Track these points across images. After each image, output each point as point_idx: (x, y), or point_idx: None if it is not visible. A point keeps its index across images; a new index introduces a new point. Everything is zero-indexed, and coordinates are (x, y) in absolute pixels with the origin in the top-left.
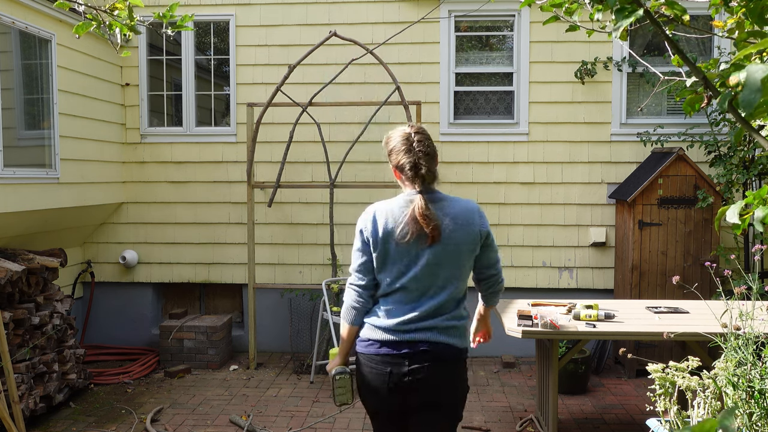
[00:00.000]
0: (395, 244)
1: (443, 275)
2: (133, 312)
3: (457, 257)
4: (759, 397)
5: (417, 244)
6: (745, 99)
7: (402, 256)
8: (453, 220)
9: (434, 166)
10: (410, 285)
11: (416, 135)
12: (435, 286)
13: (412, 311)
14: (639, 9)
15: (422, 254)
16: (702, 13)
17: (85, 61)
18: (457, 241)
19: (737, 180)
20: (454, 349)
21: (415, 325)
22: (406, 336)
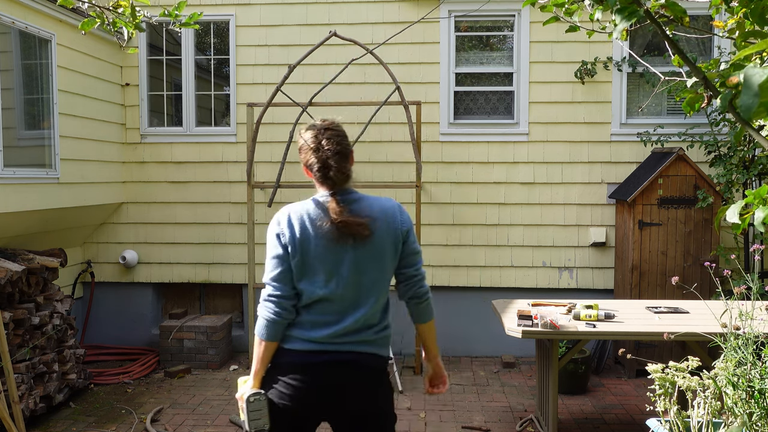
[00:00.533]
0: (314, 250)
1: (368, 281)
2: (133, 312)
3: (381, 260)
4: (759, 397)
5: (337, 249)
6: (744, 103)
7: (323, 263)
8: (373, 221)
9: (346, 166)
10: (334, 293)
11: (326, 132)
12: (360, 293)
13: (339, 323)
14: (639, 9)
15: (344, 259)
16: (702, 13)
17: (85, 61)
18: (380, 242)
19: (737, 180)
20: (381, 359)
21: (342, 339)
22: (330, 347)
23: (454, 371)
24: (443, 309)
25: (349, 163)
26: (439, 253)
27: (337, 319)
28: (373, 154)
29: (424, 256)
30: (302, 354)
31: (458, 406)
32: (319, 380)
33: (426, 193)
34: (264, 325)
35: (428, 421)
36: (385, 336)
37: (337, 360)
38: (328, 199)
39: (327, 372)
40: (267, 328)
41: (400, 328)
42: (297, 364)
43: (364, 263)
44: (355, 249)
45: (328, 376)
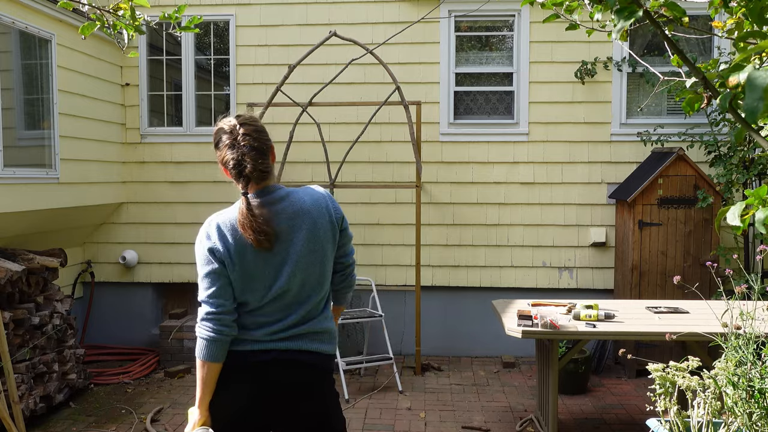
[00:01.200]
0: (252, 258)
1: (312, 276)
2: (133, 312)
3: (323, 254)
4: (759, 396)
5: (273, 252)
6: (748, 106)
7: (264, 268)
8: (304, 216)
9: (263, 163)
10: (280, 297)
11: (242, 127)
12: (305, 289)
13: (283, 320)
14: (638, 10)
15: (286, 261)
16: (702, 13)
17: (85, 61)
18: (317, 236)
19: (737, 180)
20: (326, 356)
21: (285, 333)
22: (271, 345)
23: (454, 371)
24: (443, 309)
25: (268, 160)
26: (439, 253)
27: (281, 317)
28: (373, 154)
29: (424, 255)
30: (246, 354)
31: (458, 406)
32: (265, 379)
33: (426, 193)
34: (205, 345)
35: (428, 421)
36: (328, 329)
37: (282, 358)
38: (240, 199)
39: (272, 371)
40: (209, 349)
41: (400, 329)
42: (241, 365)
43: (304, 259)
44: (293, 247)
45: (274, 375)
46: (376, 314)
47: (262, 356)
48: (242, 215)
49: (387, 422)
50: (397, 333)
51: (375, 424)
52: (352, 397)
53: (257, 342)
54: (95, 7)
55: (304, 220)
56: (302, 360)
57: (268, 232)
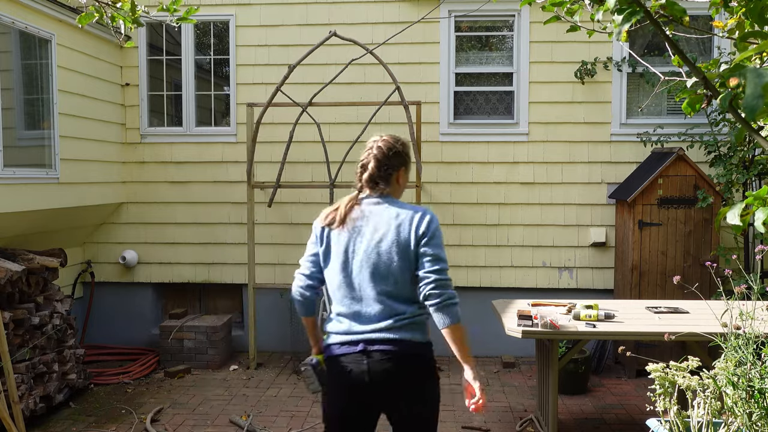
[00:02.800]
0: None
1: (378, 276)
2: (133, 312)
3: (390, 259)
4: (759, 396)
5: (349, 243)
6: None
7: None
8: (384, 225)
9: (378, 171)
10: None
11: (379, 141)
12: (373, 287)
13: (362, 314)
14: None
15: (354, 254)
16: (702, 13)
17: (85, 61)
18: (388, 244)
19: (737, 180)
20: (415, 344)
21: (372, 326)
22: (362, 336)
23: (453, 371)
24: None
25: (375, 172)
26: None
27: (360, 309)
28: None
29: None
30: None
31: (458, 406)
32: (351, 366)
33: (426, 193)
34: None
35: None
36: (415, 322)
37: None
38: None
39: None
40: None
41: None
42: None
43: (372, 260)
44: (360, 246)
45: (360, 363)
46: None
47: (351, 346)
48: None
49: (387, 422)
50: None
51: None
52: None
53: (346, 334)
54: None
55: (377, 228)
56: (389, 350)
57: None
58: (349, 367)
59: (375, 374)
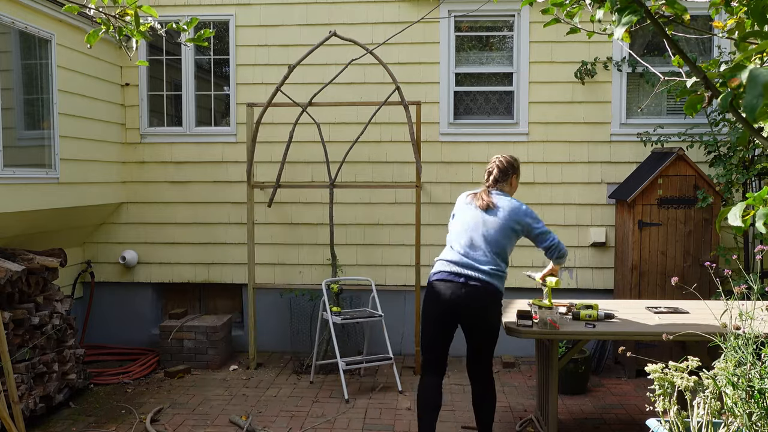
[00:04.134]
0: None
1: (487, 241)
2: (133, 312)
3: (500, 233)
4: (759, 396)
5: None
6: (748, 103)
7: (472, 223)
8: (500, 209)
9: (501, 177)
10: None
11: (499, 158)
12: (483, 245)
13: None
14: (640, 9)
15: (481, 224)
16: (702, 13)
17: (85, 61)
18: (502, 220)
19: (737, 180)
20: (490, 285)
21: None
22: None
23: (454, 371)
24: None
25: (507, 179)
26: (439, 252)
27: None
28: (373, 154)
29: (424, 255)
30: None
31: (458, 406)
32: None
33: (426, 193)
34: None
35: None
36: (492, 273)
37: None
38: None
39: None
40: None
41: (400, 329)
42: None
43: (491, 228)
44: (488, 218)
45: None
46: (376, 314)
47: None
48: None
49: (387, 422)
50: (397, 333)
51: (375, 424)
52: (351, 397)
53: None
54: (101, 11)
55: (498, 210)
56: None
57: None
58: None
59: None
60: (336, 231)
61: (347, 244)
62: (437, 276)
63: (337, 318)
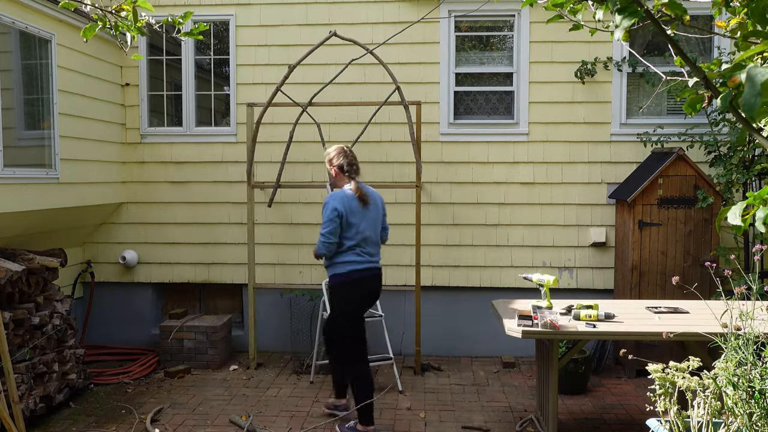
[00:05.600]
0: (356, 214)
1: (375, 231)
2: (133, 312)
3: (378, 220)
4: (759, 397)
5: (365, 213)
6: (746, 102)
7: (360, 222)
8: (375, 199)
9: (359, 168)
10: (365, 239)
11: (350, 150)
12: (374, 237)
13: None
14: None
15: (367, 219)
16: (702, 13)
17: (85, 61)
18: (377, 211)
19: (737, 180)
20: (380, 268)
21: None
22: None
23: (454, 371)
24: (443, 309)
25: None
26: (439, 253)
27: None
28: (373, 154)
29: (424, 255)
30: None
31: (458, 406)
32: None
33: (426, 193)
34: (326, 246)
35: (428, 421)
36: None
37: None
38: (353, 185)
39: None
40: (327, 247)
41: (400, 329)
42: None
43: (373, 221)
44: (370, 213)
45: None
46: (376, 314)
47: (368, 272)
48: (357, 190)
49: (387, 422)
50: (397, 333)
51: (375, 424)
52: (351, 397)
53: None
54: (97, 7)
55: (375, 201)
56: (378, 272)
57: (366, 199)
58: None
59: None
60: None
61: None
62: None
63: None
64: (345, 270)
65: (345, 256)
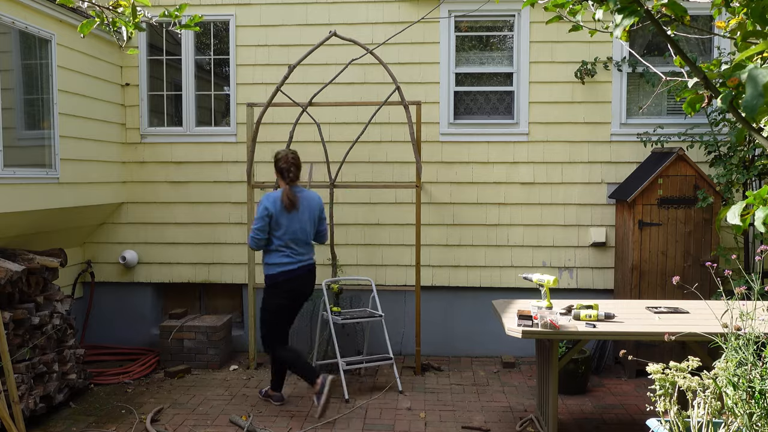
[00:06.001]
0: (284, 216)
1: (306, 232)
2: (133, 312)
3: (311, 223)
4: (759, 397)
5: (293, 215)
6: (748, 103)
7: (288, 223)
8: (307, 203)
9: (297, 174)
10: (295, 240)
11: (292, 154)
12: (304, 238)
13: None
14: (640, 9)
15: (297, 221)
16: (702, 13)
17: (85, 61)
18: (310, 214)
19: (737, 180)
20: (313, 265)
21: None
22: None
23: (454, 371)
24: (443, 309)
25: (299, 173)
26: (439, 253)
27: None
28: (373, 154)
29: (424, 255)
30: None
31: (458, 406)
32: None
33: (426, 193)
34: (255, 242)
35: (428, 421)
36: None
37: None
38: (285, 189)
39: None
40: (257, 243)
41: (400, 329)
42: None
43: (305, 222)
44: (301, 215)
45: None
46: (376, 314)
47: (298, 271)
48: (284, 194)
49: (387, 422)
50: (397, 333)
51: (375, 424)
52: (352, 397)
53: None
54: (94, 4)
55: (309, 204)
56: (311, 268)
57: (295, 204)
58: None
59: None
60: (336, 231)
61: (347, 244)
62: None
63: (338, 318)
64: (274, 272)
65: (274, 257)
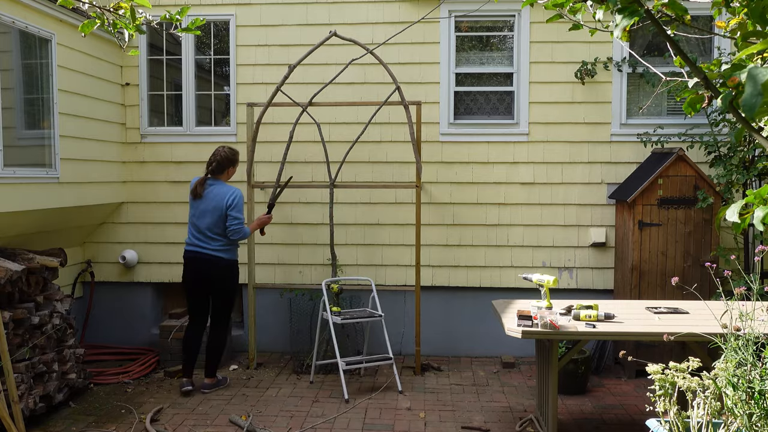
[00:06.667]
0: (193, 203)
1: (207, 224)
2: (133, 312)
3: (214, 215)
4: (759, 398)
5: (197, 204)
6: (747, 102)
7: (193, 211)
8: (213, 196)
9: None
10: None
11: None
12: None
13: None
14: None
15: (200, 210)
16: (702, 13)
17: (85, 61)
18: (214, 207)
19: (737, 180)
20: (213, 255)
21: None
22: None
23: (453, 371)
24: (443, 309)
25: (224, 171)
26: (439, 253)
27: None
28: (373, 154)
29: (423, 255)
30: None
31: (458, 406)
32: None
33: (426, 193)
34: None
35: (428, 421)
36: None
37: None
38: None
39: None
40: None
41: (400, 329)
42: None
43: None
44: (203, 205)
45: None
46: (376, 314)
47: (189, 254)
48: (196, 183)
49: (387, 422)
50: (396, 333)
51: (375, 424)
52: (351, 397)
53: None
54: (95, 5)
55: (212, 197)
56: (203, 257)
57: (197, 192)
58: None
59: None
60: (336, 231)
61: (347, 244)
62: None
63: (337, 318)
64: (184, 249)
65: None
